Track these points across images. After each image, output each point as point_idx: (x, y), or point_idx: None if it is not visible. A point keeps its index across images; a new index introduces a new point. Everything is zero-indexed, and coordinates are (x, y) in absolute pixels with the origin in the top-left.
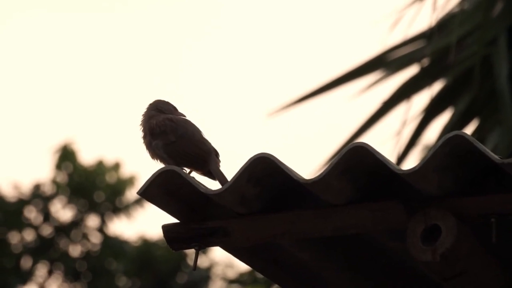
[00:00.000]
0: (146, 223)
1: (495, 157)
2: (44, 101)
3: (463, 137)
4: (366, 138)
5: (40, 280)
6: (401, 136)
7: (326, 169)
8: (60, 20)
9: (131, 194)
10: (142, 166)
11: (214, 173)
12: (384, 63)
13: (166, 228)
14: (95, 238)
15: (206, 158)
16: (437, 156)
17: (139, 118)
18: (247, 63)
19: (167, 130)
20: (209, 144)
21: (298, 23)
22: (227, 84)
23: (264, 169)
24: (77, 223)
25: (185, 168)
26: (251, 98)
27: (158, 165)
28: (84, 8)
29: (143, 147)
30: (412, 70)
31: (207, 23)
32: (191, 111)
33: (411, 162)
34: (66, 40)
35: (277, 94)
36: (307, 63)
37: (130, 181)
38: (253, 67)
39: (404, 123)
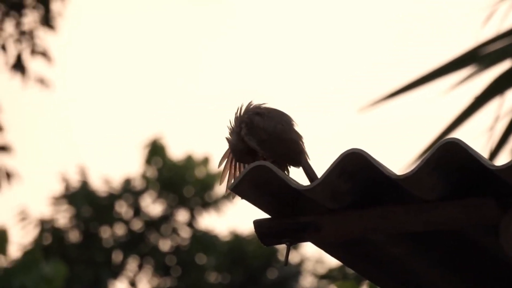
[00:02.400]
0: (236, 218)
1: None
2: (134, 97)
3: None
4: (458, 134)
5: (131, 274)
6: (493, 132)
7: (418, 164)
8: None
9: (220, 188)
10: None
11: (305, 169)
12: (477, 57)
13: (257, 223)
14: (185, 233)
15: (298, 157)
16: None
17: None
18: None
19: (259, 127)
20: (299, 137)
21: (389, 20)
22: (316, 82)
23: (355, 164)
24: (166, 217)
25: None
26: (341, 96)
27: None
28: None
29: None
30: (505, 65)
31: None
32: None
33: (504, 158)
34: (152, 37)
35: (366, 91)
36: (398, 59)
37: (219, 176)
38: (342, 67)
39: (496, 119)
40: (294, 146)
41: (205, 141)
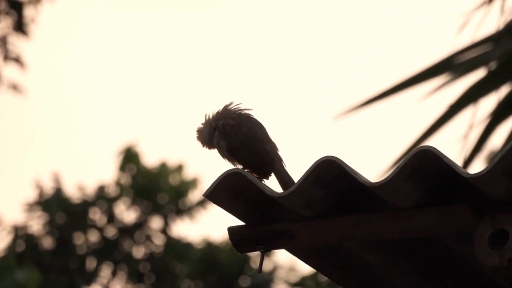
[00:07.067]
0: (209, 225)
1: None
2: (109, 104)
3: None
4: (433, 142)
5: (104, 281)
6: (467, 140)
7: (392, 172)
8: (130, 19)
9: (194, 196)
10: (205, 168)
11: (280, 176)
12: (451, 66)
13: (231, 230)
14: (159, 240)
15: (267, 169)
16: (505, 160)
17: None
18: (313, 68)
19: (232, 133)
20: (273, 147)
21: (364, 27)
22: (298, 86)
23: (330, 172)
24: (140, 224)
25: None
26: (319, 99)
27: (222, 167)
28: (160, 7)
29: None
30: (479, 74)
31: (284, 28)
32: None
33: (478, 166)
34: (131, 42)
35: (344, 97)
36: (373, 66)
37: (193, 183)
38: (320, 71)
39: (470, 127)
40: (266, 157)
41: (179, 148)
